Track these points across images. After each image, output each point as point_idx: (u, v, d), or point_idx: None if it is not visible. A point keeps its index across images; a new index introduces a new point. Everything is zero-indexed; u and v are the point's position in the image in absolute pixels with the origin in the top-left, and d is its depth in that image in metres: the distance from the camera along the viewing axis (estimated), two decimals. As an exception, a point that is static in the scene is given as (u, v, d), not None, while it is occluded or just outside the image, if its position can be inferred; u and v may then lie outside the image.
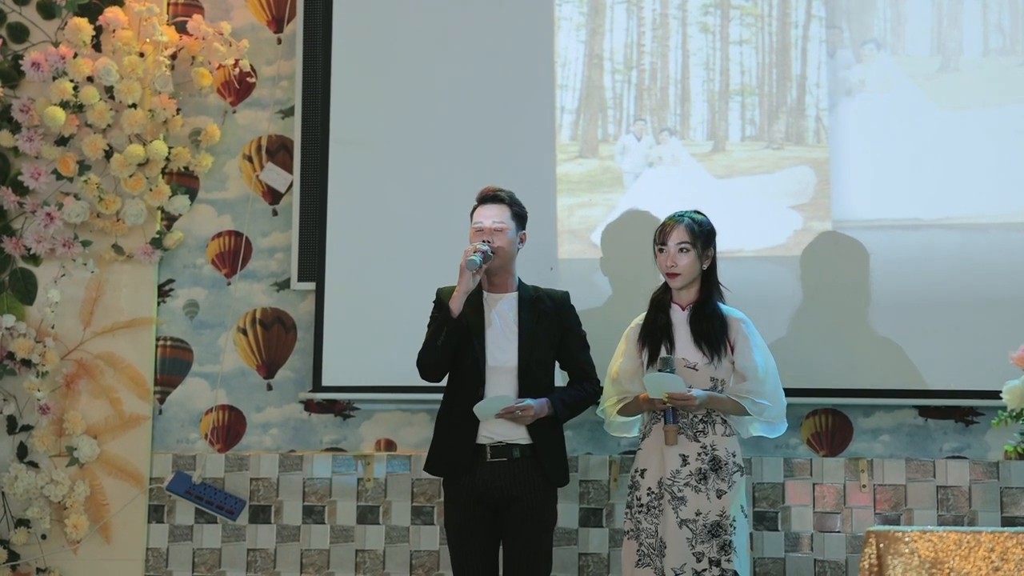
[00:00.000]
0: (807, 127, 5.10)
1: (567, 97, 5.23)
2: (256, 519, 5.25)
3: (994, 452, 4.93)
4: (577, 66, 5.24)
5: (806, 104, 5.11)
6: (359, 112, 5.30)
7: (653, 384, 4.17)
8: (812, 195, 5.07)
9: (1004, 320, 4.85)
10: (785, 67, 5.13)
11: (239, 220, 5.42)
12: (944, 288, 4.94)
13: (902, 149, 5.04)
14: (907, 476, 4.96)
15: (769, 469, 5.02)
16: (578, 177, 5.18)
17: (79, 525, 5.20)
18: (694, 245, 4.29)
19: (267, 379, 5.36)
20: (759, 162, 5.11)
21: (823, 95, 5.10)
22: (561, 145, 5.21)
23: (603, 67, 5.22)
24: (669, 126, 5.16)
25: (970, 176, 4.98)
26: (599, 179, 5.17)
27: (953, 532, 4.06)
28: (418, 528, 5.17)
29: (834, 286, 5.02)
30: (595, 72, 5.22)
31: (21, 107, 5.26)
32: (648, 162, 5.15)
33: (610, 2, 5.23)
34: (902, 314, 4.95)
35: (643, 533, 4.24)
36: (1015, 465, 4.88)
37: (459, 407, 4.32)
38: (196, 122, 5.44)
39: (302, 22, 5.40)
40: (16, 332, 5.26)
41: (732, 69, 5.15)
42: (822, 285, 5.02)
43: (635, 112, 5.19)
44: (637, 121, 5.18)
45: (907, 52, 5.09)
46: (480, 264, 4.24)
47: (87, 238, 5.34)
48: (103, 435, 5.29)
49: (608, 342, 4.50)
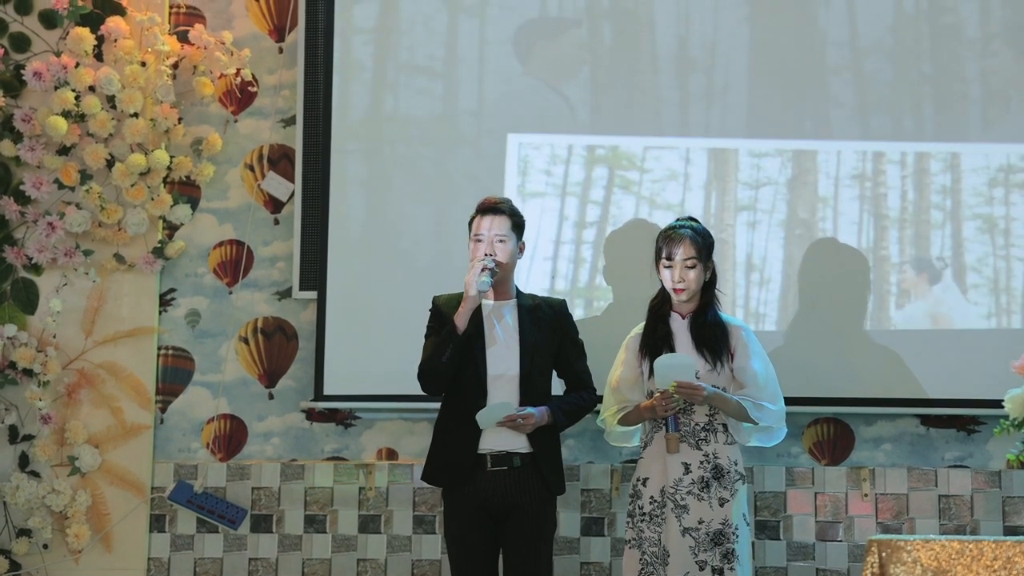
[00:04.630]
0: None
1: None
2: (258, 528, 5.24)
3: (996, 461, 4.93)
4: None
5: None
6: (360, 121, 5.31)
7: (663, 368, 4.17)
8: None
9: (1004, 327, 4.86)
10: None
11: (241, 229, 5.43)
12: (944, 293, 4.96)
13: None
14: (909, 485, 4.96)
15: (771, 478, 5.02)
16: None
17: (81, 535, 5.20)
18: (699, 259, 4.30)
19: (268, 388, 5.36)
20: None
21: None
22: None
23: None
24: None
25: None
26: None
27: (955, 541, 4.06)
28: (420, 537, 5.17)
29: (834, 294, 5.02)
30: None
31: (23, 117, 5.26)
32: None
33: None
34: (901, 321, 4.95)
35: (646, 542, 4.24)
36: (1017, 474, 4.88)
37: (459, 416, 4.32)
38: (198, 131, 5.44)
39: (303, 31, 5.41)
40: (18, 342, 5.26)
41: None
42: (822, 293, 5.02)
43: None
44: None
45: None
46: (491, 283, 4.26)
47: (89, 247, 5.34)
48: (105, 444, 5.29)
49: (608, 351, 4.50)
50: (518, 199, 4.87)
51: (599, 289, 5.12)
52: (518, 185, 5.20)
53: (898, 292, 5.03)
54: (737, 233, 5.09)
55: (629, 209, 5.14)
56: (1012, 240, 4.99)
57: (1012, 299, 4.99)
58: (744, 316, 4.99)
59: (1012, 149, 5.04)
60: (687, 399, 4.22)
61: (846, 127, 5.11)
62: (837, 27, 5.14)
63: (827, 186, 5.08)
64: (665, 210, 5.08)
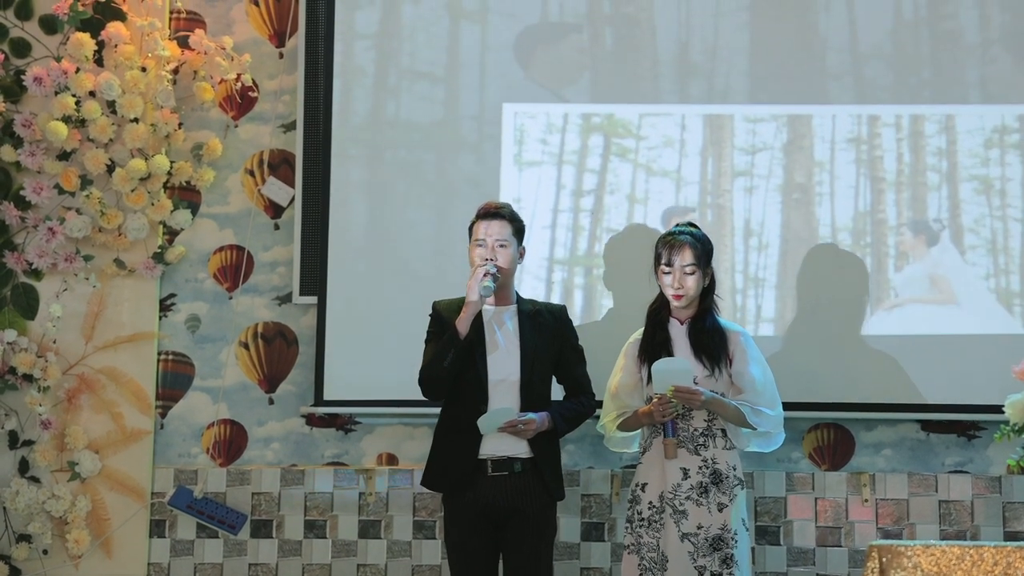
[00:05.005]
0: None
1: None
2: (258, 534, 5.24)
3: (996, 467, 4.93)
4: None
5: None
6: (362, 126, 5.31)
7: (661, 373, 4.17)
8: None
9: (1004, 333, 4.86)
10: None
11: (241, 234, 5.43)
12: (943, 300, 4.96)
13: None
14: (909, 490, 4.96)
15: (771, 483, 5.02)
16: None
17: (80, 540, 5.20)
18: (699, 265, 4.30)
19: (268, 393, 5.36)
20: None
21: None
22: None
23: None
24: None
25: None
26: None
27: (956, 547, 4.05)
28: (420, 542, 5.17)
29: (833, 299, 5.02)
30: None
31: (23, 122, 5.27)
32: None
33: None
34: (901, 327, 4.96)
35: (644, 547, 4.24)
36: (1017, 480, 4.88)
37: (460, 422, 4.31)
38: (198, 136, 5.44)
39: (304, 36, 5.41)
40: (18, 347, 5.26)
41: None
42: (822, 298, 5.02)
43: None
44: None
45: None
46: (494, 288, 4.26)
47: (89, 252, 5.34)
48: (105, 450, 5.29)
49: (607, 356, 4.50)
50: (514, 168, 4.90)
51: (597, 257, 5.14)
52: (514, 154, 5.22)
53: (896, 254, 5.05)
54: (734, 198, 5.11)
55: (626, 176, 5.17)
56: (1008, 201, 5.02)
57: (1010, 259, 5.01)
58: (743, 283, 5.03)
59: (1007, 110, 5.06)
60: (685, 404, 4.22)
61: (841, 91, 5.13)
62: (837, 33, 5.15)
63: (823, 150, 5.11)
64: (662, 177, 5.12)
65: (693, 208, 5.11)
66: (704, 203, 5.13)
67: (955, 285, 4.98)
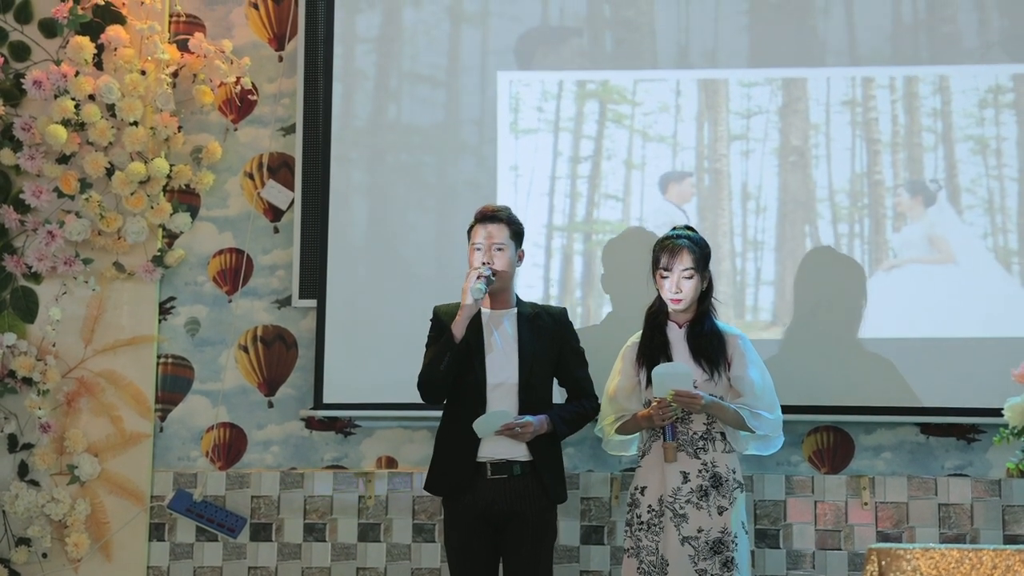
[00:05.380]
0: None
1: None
2: (257, 537, 5.24)
3: (996, 470, 4.93)
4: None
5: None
6: (360, 129, 5.32)
7: (660, 378, 4.18)
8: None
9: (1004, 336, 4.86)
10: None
11: (240, 237, 5.43)
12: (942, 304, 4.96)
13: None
14: (909, 494, 4.96)
15: (770, 487, 5.02)
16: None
17: (80, 543, 5.20)
18: (696, 269, 4.30)
19: (268, 396, 5.36)
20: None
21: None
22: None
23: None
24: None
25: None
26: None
27: (955, 550, 4.05)
28: (419, 546, 5.17)
29: (831, 302, 5.02)
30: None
31: (23, 125, 5.27)
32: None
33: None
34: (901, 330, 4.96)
35: (643, 551, 4.24)
36: (1017, 483, 4.88)
37: (459, 425, 4.32)
38: (197, 140, 5.45)
39: (303, 40, 5.42)
40: (17, 350, 5.26)
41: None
42: (820, 301, 5.02)
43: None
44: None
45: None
46: (486, 291, 4.26)
47: (88, 256, 5.34)
48: (104, 453, 5.29)
49: (606, 359, 4.51)
50: (511, 136, 4.90)
51: (596, 223, 5.16)
52: (510, 122, 5.23)
53: (894, 215, 5.06)
54: (731, 162, 5.13)
55: (622, 142, 5.19)
56: (1004, 160, 5.03)
57: (1007, 218, 5.02)
58: (742, 246, 5.05)
59: (1000, 70, 5.07)
60: (685, 408, 4.22)
61: (834, 54, 5.15)
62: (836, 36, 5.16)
63: (818, 113, 5.13)
64: (658, 142, 5.15)
65: (690, 172, 5.14)
66: (701, 167, 5.15)
67: (953, 245, 5.01)
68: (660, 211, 5.13)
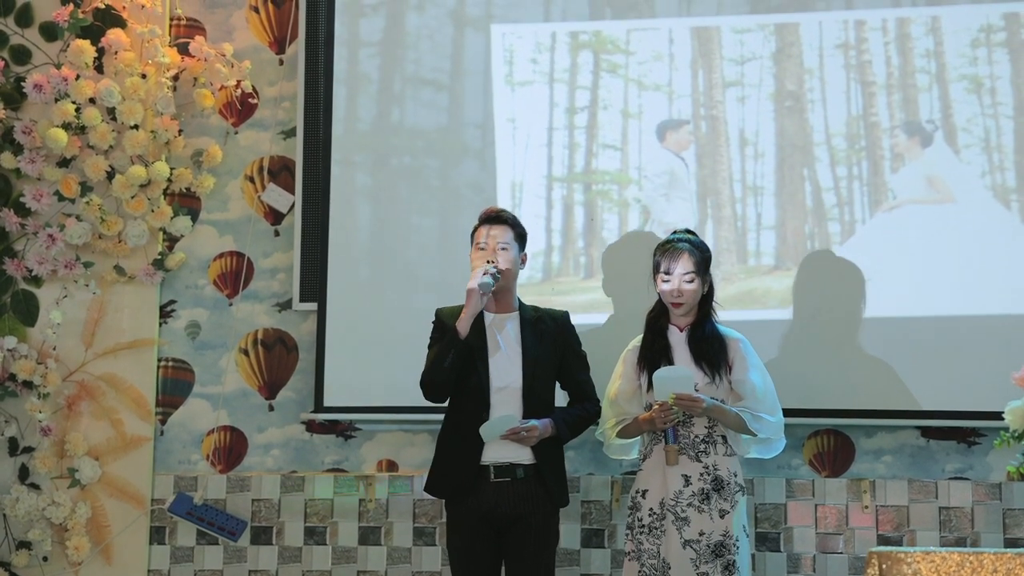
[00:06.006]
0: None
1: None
2: (258, 540, 5.24)
3: (996, 473, 4.93)
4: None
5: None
6: (364, 132, 5.32)
7: (662, 381, 4.18)
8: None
9: (1005, 339, 4.85)
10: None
11: (241, 241, 5.43)
12: (942, 308, 4.95)
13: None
14: (909, 497, 4.95)
15: (771, 490, 5.01)
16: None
17: (80, 547, 5.20)
18: (697, 273, 4.30)
19: (269, 400, 5.36)
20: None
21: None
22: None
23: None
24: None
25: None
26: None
27: (956, 553, 4.05)
28: (420, 549, 5.17)
29: (831, 305, 5.02)
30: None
31: (23, 129, 5.27)
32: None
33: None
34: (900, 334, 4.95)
35: (645, 554, 4.24)
36: (1018, 486, 4.87)
37: (462, 428, 4.32)
38: (198, 143, 5.45)
39: (304, 43, 5.42)
40: (18, 354, 5.26)
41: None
42: (822, 304, 5.02)
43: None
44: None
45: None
46: (493, 285, 4.26)
47: (89, 259, 5.35)
48: (105, 456, 5.29)
49: (609, 362, 4.51)
50: (506, 89, 4.90)
51: (595, 173, 5.19)
52: (505, 75, 5.24)
53: (892, 156, 5.06)
54: (727, 109, 5.15)
55: (618, 92, 5.20)
56: (999, 99, 5.03)
57: (1004, 156, 5.02)
58: (742, 192, 5.04)
59: (991, 9, 5.07)
60: (686, 411, 4.23)
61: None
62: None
63: (812, 57, 5.13)
64: (654, 91, 5.17)
65: (687, 120, 5.16)
66: (697, 115, 5.17)
67: (951, 184, 5.01)
68: (658, 159, 5.16)
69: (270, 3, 5.52)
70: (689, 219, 5.05)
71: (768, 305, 5.02)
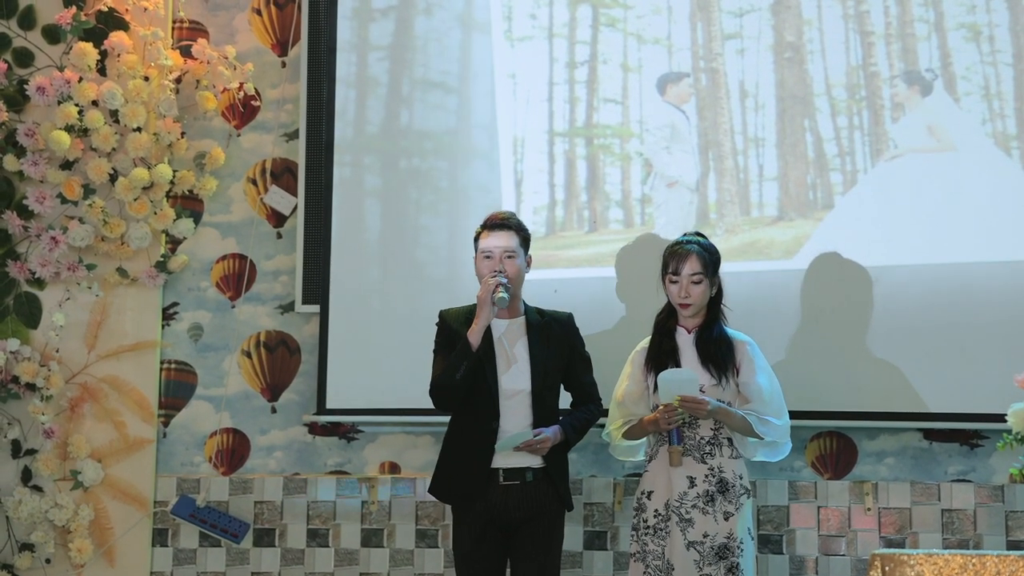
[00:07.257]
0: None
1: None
2: (260, 542, 5.24)
3: (999, 475, 4.93)
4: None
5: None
6: (373, 135, 5.32)
7: (667, 383, 4.18)
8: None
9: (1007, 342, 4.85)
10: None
11: (243, 243, 5.43)
12: (946, 310, 4.95)
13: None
14: (912, 499, 4.95)
15: (774, 492, 5.02)
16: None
17: (83, 549, 5.20)
18: (706, 275, 4.30)
19: (271, 402, 5.36)
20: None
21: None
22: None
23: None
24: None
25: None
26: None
27: (959, 555, 4.05)
28: (422, 551, 5.17)
29: (837, 308, 5.02)
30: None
31: (26, 131, 5.28)
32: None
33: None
34: (904, 337, 4.95)
35: (650, 555, 4.24)
36: (1020, 488, 4.88)
37: (470, 433, 4.31)
38: (201, 145, 5.45)
39: (306, 46, 5.43)
40: (21, 356, 5.26)
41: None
42: (826, 307, 5.02)
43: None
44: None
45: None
46: (508, 300, 4.25)
47: (92, 261, 5.35)
48: (107, 459, 5.29)
49: (620, 364, 4.50)
50: (506, 44, 4.91)
51: (597, 127, 5.21)
52: (504, 30, 5.25)
53: (892, 106, 5.07)
54: (727, 61, 5.17)
55: (617, 46, 5.23)
56: (997, 46, 5.04)
57: (1004, 103, 5.03)
58: (743, 144, 5.03)
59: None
60: (691, 413, 4.23)
61: None
62: None
63: (810, 8, 5.15)
64: (653, 44, 5.19)
65: (687, 73, 5.18)
66: (697, 67, 5.18)
67: (952, 132, 5.01)
68: (659, 112, 5.17)
69: (272, 5, 5.53)
70: (691, 172, 5.08)
71: (772, 256, 5.04)
